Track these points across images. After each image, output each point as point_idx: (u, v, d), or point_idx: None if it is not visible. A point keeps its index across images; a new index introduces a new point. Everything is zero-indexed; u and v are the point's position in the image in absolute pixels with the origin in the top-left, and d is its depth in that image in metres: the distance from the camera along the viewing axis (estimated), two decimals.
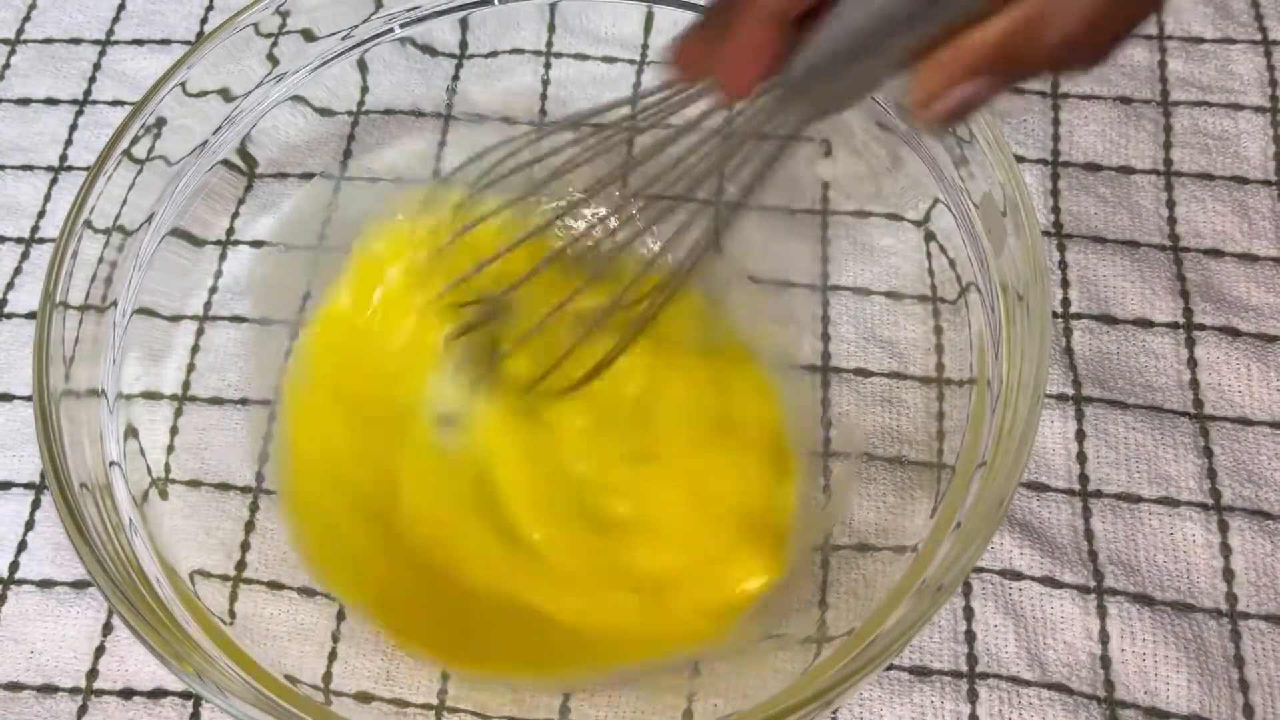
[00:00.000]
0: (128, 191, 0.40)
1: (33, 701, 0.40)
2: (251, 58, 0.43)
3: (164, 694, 0.40)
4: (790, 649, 0.38)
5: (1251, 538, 0.41)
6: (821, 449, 0.42)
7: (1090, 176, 0.49)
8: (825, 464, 0.42)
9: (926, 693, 0.39)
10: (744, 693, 0.37)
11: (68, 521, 0.34)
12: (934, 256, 0.42)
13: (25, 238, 0.50)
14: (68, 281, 0.38)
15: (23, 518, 0.44)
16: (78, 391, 0.37)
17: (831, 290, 0.45)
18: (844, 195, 0.46)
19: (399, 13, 0.45)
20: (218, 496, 0.42)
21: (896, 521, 0.39)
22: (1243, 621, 0.40)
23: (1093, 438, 0.43)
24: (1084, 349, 0.45)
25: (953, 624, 0.40)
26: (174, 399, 0.43)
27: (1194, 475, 0.42)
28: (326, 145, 0.48)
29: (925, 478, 0.40)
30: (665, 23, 0.47)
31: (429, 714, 0.38)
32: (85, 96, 0.53)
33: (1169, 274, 0.46)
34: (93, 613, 0.42)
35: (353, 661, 0.39)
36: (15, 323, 0.48)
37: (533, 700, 0.39)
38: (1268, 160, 0.49)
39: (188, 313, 0.44)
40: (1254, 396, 0.44)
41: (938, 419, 0.40)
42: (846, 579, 0.39)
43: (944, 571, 0.33)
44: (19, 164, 0.52)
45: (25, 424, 0.45)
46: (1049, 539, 0.41)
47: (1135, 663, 0.39)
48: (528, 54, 0.50)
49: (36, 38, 0.55)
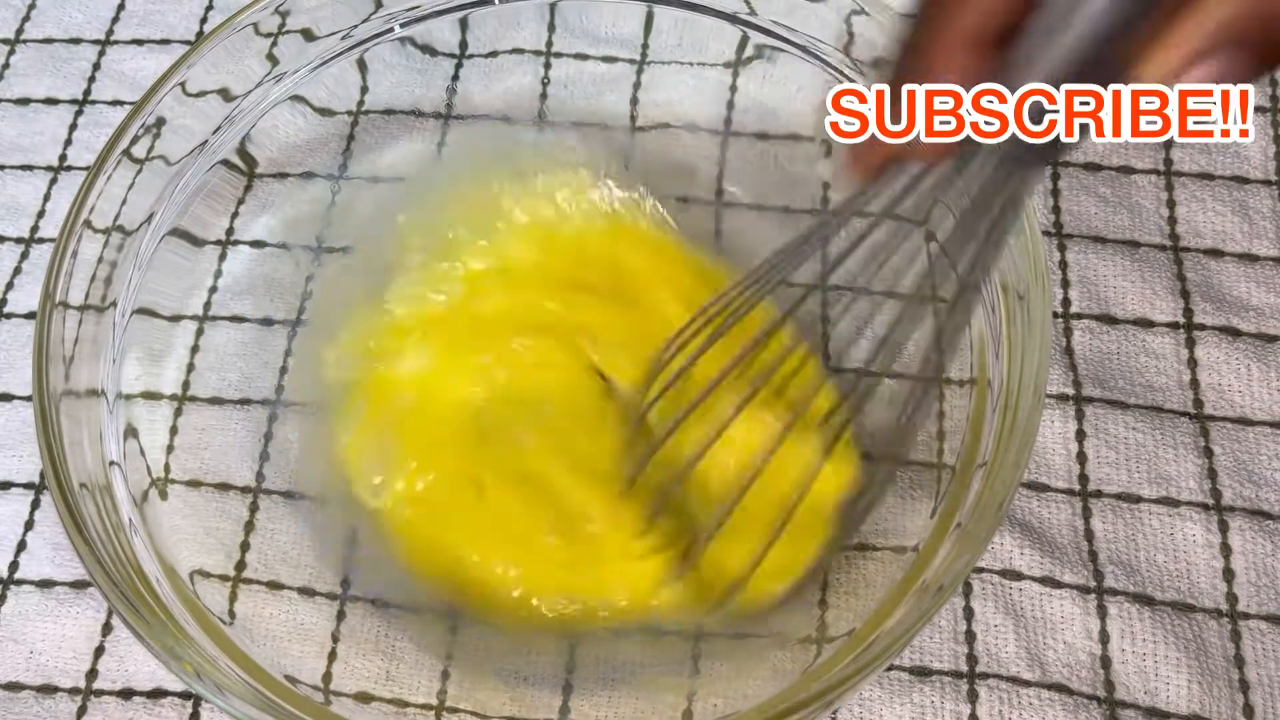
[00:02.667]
0: (127, 191, 0.40)
1: (32, 701, 0.40)
2: (251, 58, 0.43)
3: (163, 694, 0.40)
4: (790, 649, 0.38)
5: (1252, 538, 0.41)
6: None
7: (1090, 176, 0.49)
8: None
9: (926, 693, 0.39)
10: (744, 693, 0.37)
11: (67, 521, 0.34)
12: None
13: (25, 238, 0.50)
14: (67, 281, 0.38)
15: (22, 518, 0.44)
16: (78, 391, 0.37)
17: (831, 290, 0.45)
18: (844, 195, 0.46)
19: (399, 13, 0.45)
20: (218, 496, 0.42)
21: (896, 521, 0.39)
22: (1243, 621, 0.40)
23: (1093, 438, 0.43)
24: (1084, 349, 0.45)
25: (953, 624, 0.40)
26: (174, 399, 0.43)
27: (1194, 475, 0.42)
28: (326, 145, 0.48)
29: (925, 478, 0.40)
30: (665, 22, 0.47)
31: (429, 714, 0.38)
32: (85, 96, 0.53)
33: (1169, 274, 0.46)
34: (92, 613, 0.42)
35: (352, 661, 0.39)
36: (15, 323, 0.48)
37: (533, 700, 0.39)
38: (1268, 160, 0.49)
39: (188, 313, 0.44)
40: (1254, 396, 0.44)
41: (938, 419, 0.40)
42: (846, 579, 0.39)
43: (944, 571, 0.33)
44: (19, 164, 0.52)
45: (25, 424, 0.45)
46: (1049, 539, 0.41)
47: (1135, 663, 0.39)
48: (528, 54, 0.50)
49: (36, 37, 0.55)
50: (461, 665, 0.39)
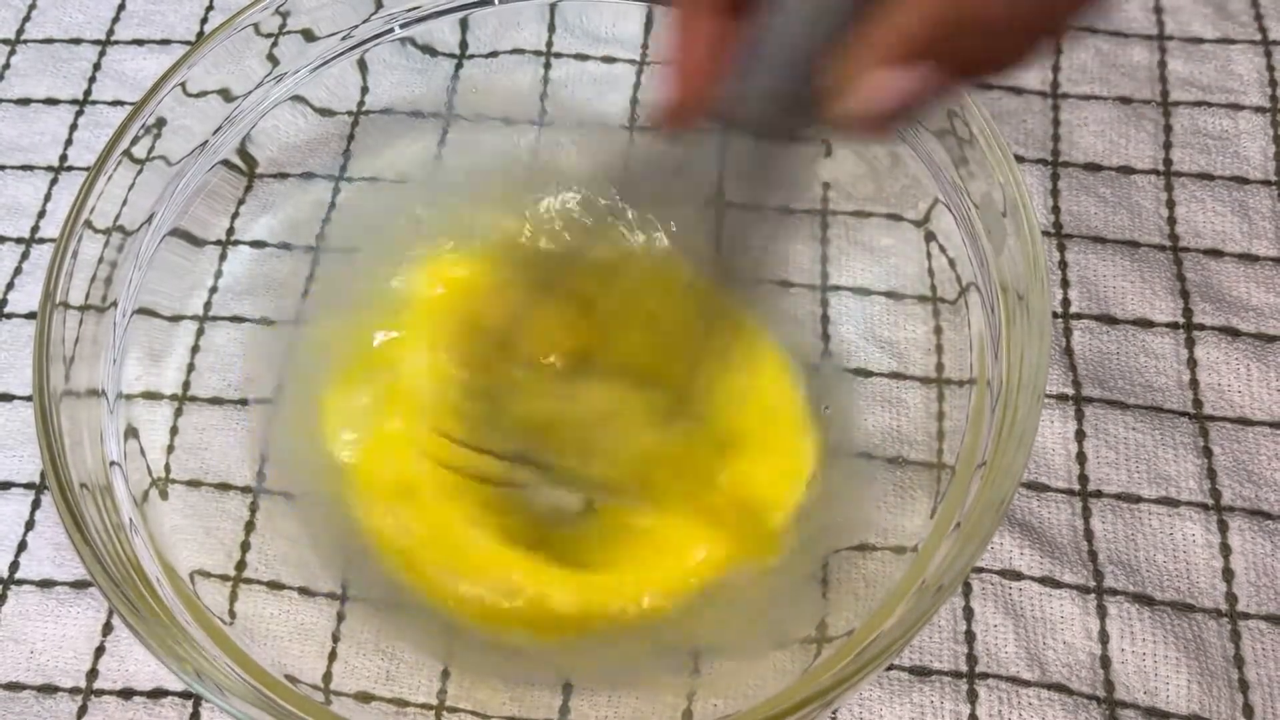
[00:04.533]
0: (128, 191, 0.40)
1: (33, 701, 0.40)
2: (251, 58, 0.43)
3: (164, 694, 0.40)
4: (790, 649, 0.38)
5: (1251, 538, 0.41)
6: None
7: (1090, 176, 0.49)
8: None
9: (926, 693, 0.39)
10: (744, 693, 0.37)
11: (68, 521, 0.34)
12: (934, 256, 0.42)
13: (25, 238, 0.50)
14: (68, 281, 0.38)
15: (23, 518, 0.44)
16: (78, 391, 0.37)
17: (831, 290, 0.45)
18: (844, 195, 0.46)
19: (399, 13, 0.45)
20: (218, 496, 0.42)
21: (896, 521, 0.39)
22: (1243, 621, 0.40)
23: (1093, 438, 0.43)
24: (1084, 349, 0.45)
25: (952, 624, 0.40)
26: (174, 399, 0.43)
27: (1194, 475, 0.42)
28: (326, 145, 0.48)
29: (925, 478, 0.40)
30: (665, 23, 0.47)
31: (429, 714, 0.38)
32: (85, 96, 0.53)
33: (1169, 274, 0.47)
34: (93, 613, 0.42)
35: (353, 661, 0.39)
36: (15, 323, 0.48)
37: (533, 700, 0.39)
38: (1268, 160, 0.49)
39: (188, 313, 0.44)
40: (1254, 396, 0.44)
41: (938, 419, 0.40)
42: (846, 579, 0.39)
43: (944, 571, 0.33)
44: (19, 164, 0.52)
45: (25, 424, 0.45)
46: (1049, 539, 0.41)
47: (1135, 663, 0.39)
48: (528, 54, 0.50)
49: (36, 38, 0.55)
50: (461, 665, 0.39)
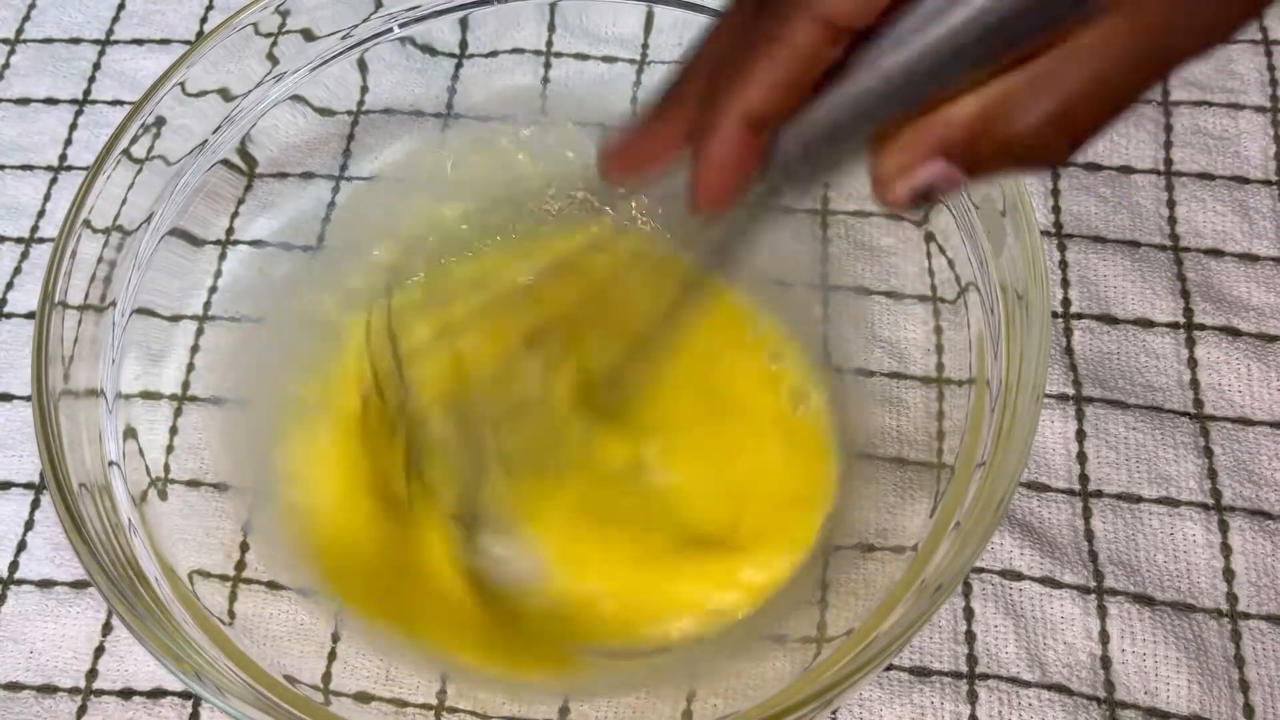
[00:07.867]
0: (127, 191, 0.40)
1: (32, 701, 0.40)
2: (251, 57, 0.43)
3: (163, 694, 0.40)
4: (790, 649, 0.38)
5: (1252, 538, 0.41)
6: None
7: (1090, 176, 0.49)
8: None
9: (926, 693, 0.39)
10: (744, 693, 0.37)
11: (67, 521, 0.34)
12: (934, 256, 0.42)
13: (25, 238, 0.50)
14: (67, 281, 0.38)
15: (22, 518, 0.44)
16: (77, 391, 0.37)
17: (831, 290, 0.45)
18: (844, 195, 0.46)
19: (399, 12, 0.45)
20: (217, 496, 0.42)
21: (896, 521, 0.39)
22: (1243, 621, 0.40)
23: (1093, 438, 0.43)
24: (1084, 349, 0.45)
25: (953, 624, 0.40)
26: (173, 399, 0.43)
27: (1194, 475, 0.42)
28: (326, 145, 0.48)
29: (925, 478, 0.40)
30: (665, 22, 0.47)
31: (428, 714, 0.38)
32: (85, 96, 0.53)
33: (1169, 274, 0.46)
34: (92, 613, 0.42)
35: (352, 661, 0.39)
36: (15, 323, 0.48)
37: (532, 700, 0.39)
38: (1268, 160, 0.49)
39: (187, 313, 0.44)
40: (1254, 396, 0.44)
41: (938, 419, 0.40)
42: (846, 579, 0.39)
43: (943, 571, 0.33)
44: (19, 164, 0.52)
45: (25, 424, 0.45)
46: (1049, 539, 0.41)
47: (1135, 663, 0.39)
48: (528, 54, 0.50)
49: (36, 37, 0.55)
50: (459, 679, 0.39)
